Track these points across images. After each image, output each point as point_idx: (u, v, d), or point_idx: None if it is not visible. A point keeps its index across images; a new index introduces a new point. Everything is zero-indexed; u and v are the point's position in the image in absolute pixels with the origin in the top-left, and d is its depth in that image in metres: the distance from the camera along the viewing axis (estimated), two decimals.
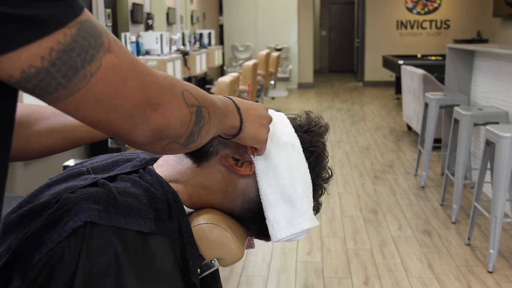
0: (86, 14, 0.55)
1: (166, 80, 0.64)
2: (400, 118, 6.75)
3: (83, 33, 0.53)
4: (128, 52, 0.59)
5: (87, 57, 0.54)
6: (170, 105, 0.63)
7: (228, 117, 0.78)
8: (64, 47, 0.52)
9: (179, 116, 0.64)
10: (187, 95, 0.66)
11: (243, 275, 2.53)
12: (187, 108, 0.66)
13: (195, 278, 0.83)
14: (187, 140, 0.68)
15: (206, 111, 0.70)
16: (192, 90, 0.68)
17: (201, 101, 0.69)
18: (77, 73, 0.53)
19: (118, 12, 5.01)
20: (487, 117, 3.16)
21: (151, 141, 0.63)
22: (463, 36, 10.04)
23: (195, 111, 0.67)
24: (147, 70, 0.61)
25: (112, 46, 0.56)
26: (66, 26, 0.52)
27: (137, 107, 0.59)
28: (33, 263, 0.72)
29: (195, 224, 0.87)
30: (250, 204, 0.93)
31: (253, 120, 0.83)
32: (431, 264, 2.62)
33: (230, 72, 8.64)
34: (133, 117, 0.59)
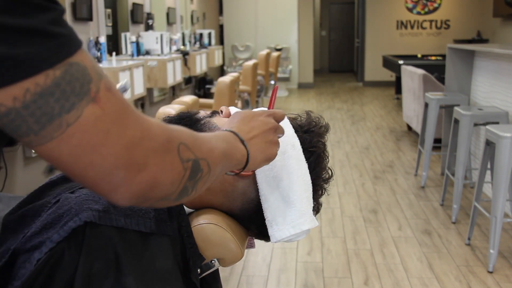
0: (80, 55, 0.49)
1: (161, 135, 0.57)
2: (400, 118, 6.75)
3: (69, 76, 0.48)
4: (120, 103, 0.53)
5: (66, 105, 0.48)
6: (161, 164, 0.56)
7: (233, 156, 0.73)
8: (42, 90, 0.46)
9: (169, 175, 0.58)
10: (183, 149, 0.60)
11: (243, 275, 2.53)
12: (181, 164, 0.59)
13: (195, 278, 0.83)
14: (179, 195, 0.62)
15: (205, 163, 0.64)
16: (189, 141, 0.62)
17: (198, 153, 0.63)
18: (52, 120, 0.48)
19: (118, 12, 5.01)
20: (487, 117, 3.16)
21: (135, 203, 0.57)
22: (463, 36, 10.04)
23: (190, 166, 0.61)
24: (140, 125, 0.54)
25: (99, 95, 0.50)
26: (51, 67, 0.47)
27: (118, 167, 0.52)
28: (33, 263, 0.72)
29: (195, 224, 0.87)
30: (250, 204, 0.93)
31: (259, 144, 0.78)
32: (431, 264, 2.62)
33: (230, 72, 8.64)
34: (112, 178, 0.52)
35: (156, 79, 5.04)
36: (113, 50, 4.69)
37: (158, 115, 1.96)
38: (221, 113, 1.00)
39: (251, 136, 0.78)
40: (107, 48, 4.47)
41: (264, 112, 0.83)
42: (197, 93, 7.88)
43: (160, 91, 6.23)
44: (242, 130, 0.78)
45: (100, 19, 4.41)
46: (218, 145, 0.69)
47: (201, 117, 0.97)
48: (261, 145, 0.79)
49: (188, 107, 2.23)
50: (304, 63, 10.41)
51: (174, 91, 6.74)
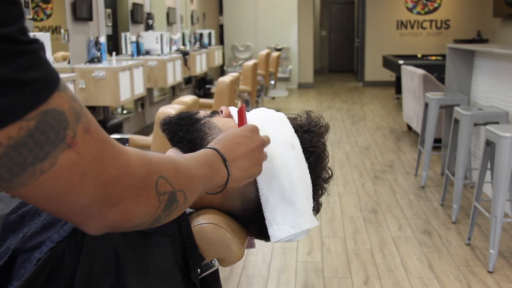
0: (57, 98, 0.47)
1: (140, 171, 0.56)
2: (400, 118, 6.75)
3: (44, 125, 0.46)
4: (98, 143, 0.51)
5: (40, 154, 0.46)
6: (136, 198, 0.56)
7: (212, 179, 0.72)
8: (15, 143, 0.45)
9: (143, 209, 0.58)
10: (162, 183, 0.60)
11: (243, 275, 2.53)
12: (157, 197, 0.59)
13: (195, 278, 0.83)
14: (151, 224, 0.62)
15: (182, 195, 0.64)
16: (170, 174, 0.61)
17: (177, 185, 0.62)
18: (25, 170, 0.46)
19: (118, 12, 5.01)
20: (487, 117, 3.16)
21: (105, 231, 0.57)
22: (463, 36, 10.04)
23: (166, 199, 0.61)
24: (118, 162, 0.54)
25: (76, 140, 0.48)
26: (24, 118, 0.44)
27: (92, 204, 0.52)
28: (33, 263, 0.72)
29: (195, 224, 0.87)
30: (250, 204, 0.93)
31: (242, 163, 0.77)
32: (431, 264, 2.62)
33: (230, 72, 8.64)
34: (85, 213, 0.52)
35: (156, 79, 5.04)
36: (113, 50, 4.69)
37: (158, 115, 1.96)
38: (221, 113, 1.00)
39: (236, 155, 0.77)
40: (107, 48, 4.47)
41: (249, 128, 0.82)
42: (197, 93, 7.88)
43: (160, 91, 6.23)
44: (226, 148, 0.77)
45: (100, 19, 4.41)
46: (199, 172, 0.69)
47: (201, 117, 0.97)
48: (244, 164, 0.78)
49: (188, 107, 2.23)
50: (304, 63, 10.41)
51: (174, 91, 6.74)
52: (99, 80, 3.74)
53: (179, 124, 0.95)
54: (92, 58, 4.08)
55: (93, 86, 3.76)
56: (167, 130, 0.96)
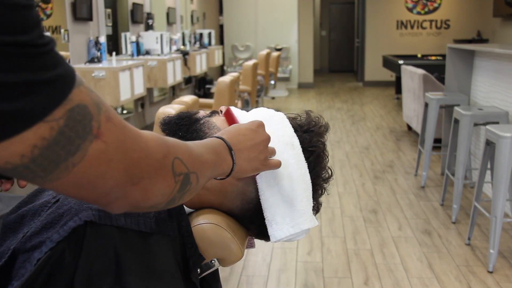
0: (78, 92, 0.50)
1: (158, 152, 0.60)
2: (400, 118, 6.75)
3: (72, 122, 0.49)
4: (119, 128, 0.55)
5: (72, 149, 0.49)
6: (154, 178, 0.59)
7: (219, 166, 0.75)
8: (48, 143, 0.47)
9: (161, 188, 0.61)
10: (177, 163, 0.63)
11: (243, 275, 2.53)
12: (173, 178, 0.62)
13: (195, 278, 0.83)
14: (166, 205, 0.65)
15: (195, 177, 0.67)
16: (184, 156, 0.65)
17: (191, 167, 0.66)
18: (59, 166, 0.49)
19: (118, 12, 5.01)
20: (487, 117, 3.16)
21: (127, 211, 0.61)
22: (463, 36, 10.04)
23: (181, 180, 0.64)
24: (138, 145, 0.57)
25: (101, 129, 0.52)
26: (52, 116, 0.47)
27: (117, 186, 0.55)
28: (33, 263, 0.72)
29: (195, 224, 0.87)
30: (250, 204, 0.93)
31: (247, 154, 0.80)
32: (431, 264, 2.62)
33: (230, 72, 8.64)
34: (111, 195, 0.56)
35: (156, 79, 5.04)
36: (113, 50, 4.69)
37: (158, 115, 1.96)
38: (221, 112, 1.00)
39: (241, 146, 0.79)
40: (107, 48, 4.47)
41: (256, 123, 0.84)
42: (197, 93, 7.88)
43: (160, 91, 6.23)
44: (233, 139, 0.79)
45: (100, 19, 4.41)
46: (209, 158, 0.72)
47: (200, 116, 0.97)
48: (249, 155, 0.80)
49: (188, 107, 2.23)
50: (304, 63, 10.41)
51: (174, 91, 6.74)
52: (99, 80, 3.74)
53: (178, 124, 0.95)
54: (92, 58, 4.08)
55: (93, 86, 3.76)
56: (167, 130, 0.96)
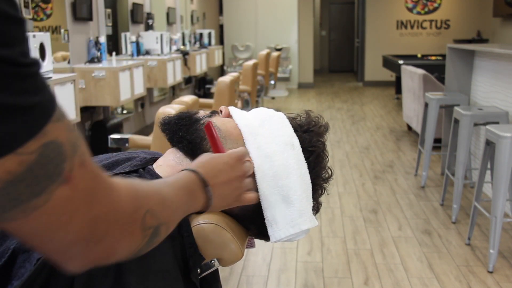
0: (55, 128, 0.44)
1: (129, 206, 0.54)
2: (400, 118, 6.75)
3: (44, 159, 0.43)
4: (92, 177, 0.49)
5: (36, 190, 0.43)
6: (121, 235, 0.54)
7: (191, 206, 0.70)
8: (13, 178, 0.41)
9: (127, 245, 0.56)
10: (149, 218, 0.58)
11: (243, 275, 2.53)
12: (142, 232, 0.57)
13: (195, 278, 0.83)
14: (130, 257, 0.59)
15: (165, 228, 0.62)
16: (157, 207, 0.60)
17: (162, 218, 0.61)
18: (18, 206, 0.43)
19: (118, 12, 5.01)
20: (487, 117, 3.16)
21: (85, 269, 0.53)
22: (463, 36, 10.04)
23: (150, 233, 0.59)
24: (109, 197, 0.51)
25: (73, 174, 0.46)
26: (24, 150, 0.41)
27: (78, 242, 0.49)
28: (33, 262, 0.72)
29: (195, 224, 0.87)
30: (250, 204, 0.93)
31: (221, 190, 0.75)
32: (431, 264, 2.62)
33: (230, 72, 8.64)
34: (69, 252, 0.49)
35: (156, 79, 5.04)
36: (113, 50, 4.69)
37: (158, 115, 1.96)
38: (221, 113, 1.00)
39: (217, 181, 0.74)
40: (107, 48, 4.47)
41: (235, 156, 0.80)
42: (197, 93, 7.88)
43: (160, 91, 6.23)
44: (208, 174, 0.74)
45: (100, 19, 4.41)
46: (182, 201, 0.67)
47: (200, 117, 0.97)
48: (223, 191, 0.76)
49: (188, 107, 2.23)
50: (304, 63, 10.41)
51: (174, 91, 6.74)
52: (99, 80, 3.74)
53: (178, 124, 0.95)
54: (92, 58, 4.08)
55: (93, 86, 3.76)
56: (166, 130, 0.96)
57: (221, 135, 0.93)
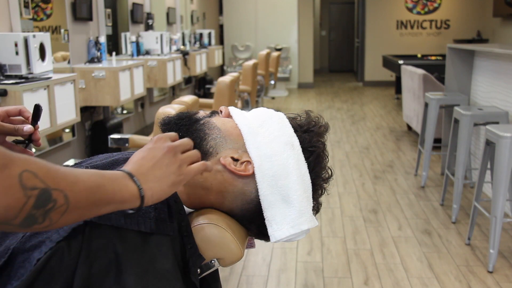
0: None
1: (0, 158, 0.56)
2: (400, 118, 6.75)
3: None
4: None
5: None
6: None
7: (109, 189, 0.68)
8: None
9: (4, 199, 0.57)
10: (27, 176, 0.59)
11: (243, 275, 2.53)
12: (22, 191, 0.58)
13: (195, 278, 0.83)
14: (24, 222, 0.60)
15: (61, 195, 0.62)
16: (39, 170, 0.61)
17: (51, 183, 0.61)
18: None
19: (118, 12, 5.01)
20: (487, 117, 3.16)
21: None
22: (463, 36, 10.04)
23: (36, 194, 0.59)
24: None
25: None
26: None
27: None
28: (32, 262, 0.72)
29: (195, 224, 0.87)
30: (250, 204, 0.93)
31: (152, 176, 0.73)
32: (431, 264, 2.62)
33: (230, 72, 8.64)
34: None
35: (156, 79, 5.04)
36: (113, 50, 4.69)
37: (158, 115, 1.96)
38: (221, 113, 1.00)
39: (144, 170, 0.73)
40: (107, 48, 4.47)
41: (154, 140, 0.78)
42: (197, 93, 7.87)
43: (160, 91, 6.23)
44: (134, 166, 0.74)
45: (100, 19, 4.41)
46: (88, 179, 0.66)
47: (200, 117, 0.97)
48: (155, 175, 0.74)
49: (188, 107, 2.23)
50: (304, 63, 10.41)
51: (174, 91, 6.74)
52: (99, 80, 3.74)
53: (178, 124, 0.95)
54: (92, 58, 4.08)
55: (93, 86, 3.76)
56: (166, 130, 0.96)
57: (221, 135, 0.94)
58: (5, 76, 2.75)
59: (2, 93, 2.58)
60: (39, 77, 2.85)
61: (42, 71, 2.90)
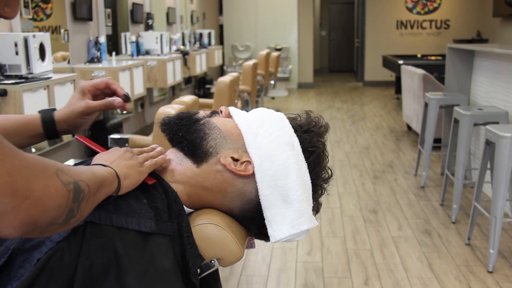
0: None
1: (37, 163, 0.60)
2: (400, 118, 6.75)
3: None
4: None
5: None
6: (45, 190, 0.59)
7: (103, 176, 0.76)
8: None
9: (55, 199, 0.60)
10: (61, 174, 0.63)
11: (243, 275, 2.53)
12: (64, 187, 0.62)
13: (195, 278, 0.83)
14: (65, 218, 0.64)
15: (84, 184, 0.67)
16: (65, 168, 0.65)
17: (75, 176, 0.66)
18: None
19: (118, 12, 5.01)
20: (487, 117, 3.16)
21: (23, 232, 0.58)
22: (463, 36, 10.04)
23: (72, 188, 0.64)
24: (17, 154, 0.56)
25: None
26: None
27: (3, 193, 0.53)
28: (32, 263, 0.72)
29: (195, 224, 0.87)
30: (250, 204, 0.93)
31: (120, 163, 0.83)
32: (431, 264, 2.62)
33: (230, 72, 8.63)
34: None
35: (156, 79, 5.04)
36: (113, 50, 4.69)
37: (158, 115, 1.96)
38: (221, 113, 1.00)
39: (110, 161, 0.82)
40: (107, 48, 4.47)
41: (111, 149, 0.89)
42: (197, 93, 7.87)
43: (160, 91, 6.23)
44: (101, 161, 0.83)
45: (100, 19, 4.41)
46: (86, 169, 0.73)
47: (200, 117, 0.97)
48: (123, 163, 0.83)
49: (188, 107, 2.23)
50: (304, 63, 10.41)
51: (174, 91, 6.74)
52: None
53: (178, 124, 0.95)
54: (92, 58, 4.08)
55: None
56: (167, 130, 0.96)
57: (221, 135, 0.94)
58: (5, 76, 2.75)
59: (2, 93, 2.58)
60: (39, 77, 2.86)
61: (42, 71, 2.90)
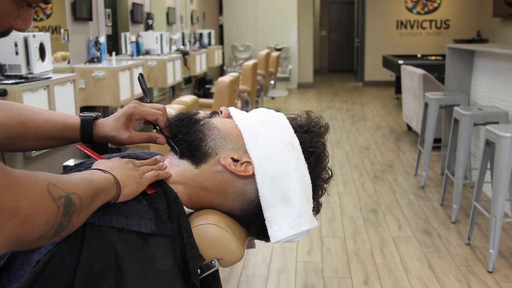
0: None
1: (27, 180, 0.59)
2: (400, 118, 6.75)
3: None
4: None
5: None
6: (34, 207, 0.58)
7: (100, 183, 0.75)
8: None
9: (43, 215, 0.60)
10: (53, 189, 0.62)
11: (243, 275, 2.53)
12: (54, 203, 0.62)
13: (195, 278, 0.83)
14: (56, 232, 0.64)
15: (77, 197, 0.67)
16: (57, 181, 0.64)
17: (67, 189, 0.65)
18: None
19: (118, 12, 5.01)
20: (487, 117, 3.16)
21: (10, 247, 0.58)
22: (463, 36, 10.04)
23: (63, 203, 0.63)
24: (6, 172, 0.56)
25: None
26: None
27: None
28: (32, 264, 0.72)
29: (195, 225, 0.87)
30: (250, 205, 0.92)
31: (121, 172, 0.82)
32: (431, 264, 2.62)
33: (230, 72, 8.63)
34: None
35: (156, 79, 5.04)
36: (113, 50, 4.69)
37: None
38: (221, 113, 1.00)
39: (111, 168, 0.82)
40: (107, 48, 4.47)
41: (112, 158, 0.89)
42: (197, 93, 7.87)
43: (160, 91, 6.22)
44: (102, 166, 0.83)
45: (100, 19, 4.41)
46: (81, 178, 0.72)
47: (200, 117, 0.97)
48: (124, 172, 0.82)
49: (188, 107, 2.23)
50: (304, 63, 10.41)
51: (174, 91, 6.74)
52: (99, 80, 3.74)
53: (178, 125, 0.95)
54: (92, 58, 4.08)
55: (93, 86, 3.76)
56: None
57: (221, 136, 0.94)
58: (5, 76, 2.75)
59: (2, 93, 2.58)
60: (39, 77, 2.85)
61: (42, 71, 2.90)
